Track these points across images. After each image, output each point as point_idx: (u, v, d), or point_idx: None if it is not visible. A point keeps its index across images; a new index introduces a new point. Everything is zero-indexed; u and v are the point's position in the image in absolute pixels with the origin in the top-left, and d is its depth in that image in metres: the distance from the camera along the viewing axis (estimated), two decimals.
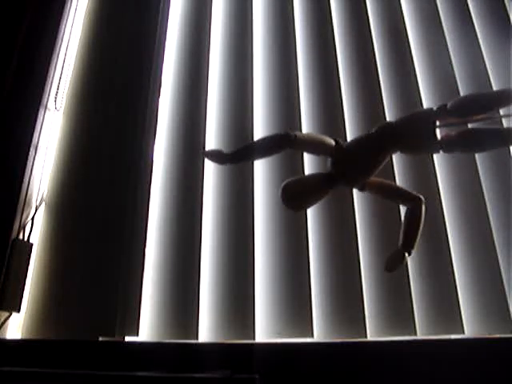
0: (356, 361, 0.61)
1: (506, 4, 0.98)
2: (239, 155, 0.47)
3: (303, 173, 0.77)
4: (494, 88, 0.88)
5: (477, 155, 0.80)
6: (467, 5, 0.98)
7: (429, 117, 0.45)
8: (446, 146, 0.44)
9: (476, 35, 0.94)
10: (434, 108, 0.45)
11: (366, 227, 0.74)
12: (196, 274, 0.68)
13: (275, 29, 0.91)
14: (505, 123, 0.79)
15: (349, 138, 0.81)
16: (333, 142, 0.47)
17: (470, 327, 0.68)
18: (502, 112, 0.61)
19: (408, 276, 0.70)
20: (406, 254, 0.46)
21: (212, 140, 0.79)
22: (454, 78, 0.88)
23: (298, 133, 0.46)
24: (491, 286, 0.70)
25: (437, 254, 0.72)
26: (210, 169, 0.77)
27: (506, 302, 0.69)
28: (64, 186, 0.73)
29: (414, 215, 0.47)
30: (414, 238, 0.46)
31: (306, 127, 0.81)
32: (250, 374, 0.51)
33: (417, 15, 0.97)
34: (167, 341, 0.64)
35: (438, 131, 0.44)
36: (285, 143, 0.46)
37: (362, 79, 0.87)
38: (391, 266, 0.47)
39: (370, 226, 0.74)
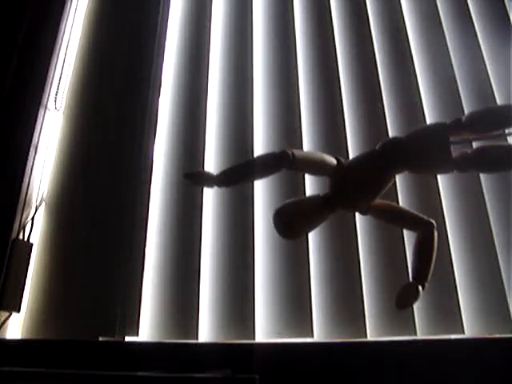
0: (356, 361, 0.61)
1: (506, 4, 0.98)
2: (228, 178, 0.42)
3: (303, 179, 0.76)
4: (494, 88, 0.88)
5: None
6: (467, 5, 0.98)
7: (442, 132, 0.39)
8: (461, 165, 0.39)
9: (476, 35, 0.94)
10: (448, 122, 0.40)
11: (366, 227, 0.74)
12: (196, 274, 0.68)
13: (276, 29, 0.91)
14: None
15: (349, 138, 0.81)
16: (334, 161, 0.42)
17: (470, 327, 0.68)
18: None
19: (408, 276, 0.70)
20: (420, 288, 0.40)
21: (212, 141, 0.79)
22: (454, 78, 0.88)
23: (296, 151, 0.41)
24: (491, 286, 0.70)
25: (437, 254, 0.72)
26: (210, 170, 0.76)
27: (506, 301, 0.69)
28: (64, 186, 0.73)
29: (425, 243, 0.42)
30: (427, 269, 0.41)
31: (306, 128, 0.81)
32: (250, 374, 0.51)
33: (417, 15, 0.97)
34: (167, 341, 0.64)
35: (451, 149, 0.39)
36: (282, 163, 0.41)
37: (361, 79, 0.87)
38: (404, 303, 0.41)
39: (371, 226, 0.74)
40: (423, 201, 0.76)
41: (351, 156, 0.79)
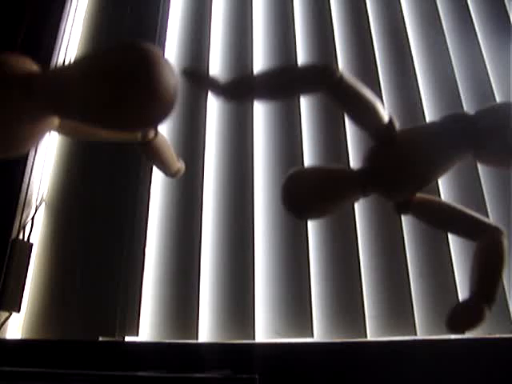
0: (356, 361, 0.61)
1: (506, 4, 0.98)
2: (242, 87, 0.30)
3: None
4: (494, 88, 0.88)
5: None
6: (467, 5, 0.98)
7: None
8: None
9: (476, 35, 0.94)
10: None
11: (366, 227, 0.74)
12: (196, 274, 0.68)
13: (276, 28, 0.91)
14: None
15: (348, 137, 0.81)
16: (386, 118, 0.32)
17: None
18: None
19: (408, 276, 0.70)
20: (486, 308, 0.32)
21: (212, 141, 0.79)
22: (454, 78, 0.88)
23: (346, 74, 0.31)
24: None
25: (437, 254, 0.72)
26: (211, 167, 0.77)
27: (506, 301, 0.69)
28: (64, 186, 0.73)
29: (492, 254, 0.34)
30: (494, 286, 0.33)
31: (306, 127, 0.81)
32: (250, 374, 0.51)
33: (417, 15, 0.97)
34: (167, 341, 0.64)
35: None
36: (323, 81, 0.30)
37: (361, 79, 0.87)
38: (467, 326, 0.32)
39: (371, 226, 0.74)
40: None
41: (351, 157, 0.79)
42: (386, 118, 0.32)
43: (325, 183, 0.31)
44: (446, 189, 0.78)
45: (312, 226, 0.73)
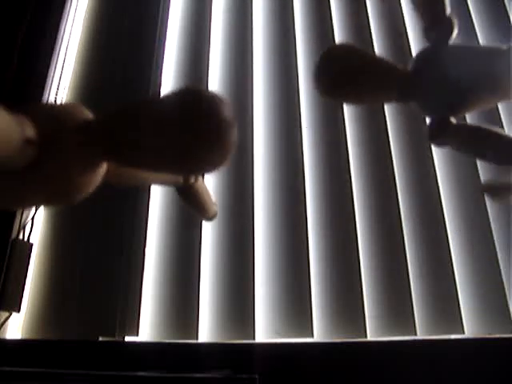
0: (356, 361, 0.61)
1: (506, 4, 0.98)
2: None
3: (304, 179, 0.76)
4: None
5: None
6: (467, 5, 0.98)
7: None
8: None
9: (476, 35, 0.94)
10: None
11: (366, 227, 0.74)
12: (196, 274, 0.68)
13: (276, 29, 0.91)
14: None
15: (348, 137, 0.81)
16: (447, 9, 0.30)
17: (470, 327, 0.68)
18: None
19: (408, 276, 0.70)
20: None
21: None
22: None
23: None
24: (491, 286, 0.70)
25: (437, 254, 0.72)
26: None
27: (506, 301, 0.69)
28: None
29: None
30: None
31: (307, 126, 0.81)
32: (250, 374, 0.51)
33: (417, 15, 0.96)
34: (167, 341, 0.64)
35: None
36: None
37: None
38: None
39: (371, 226, 0.74)
40: (424, 201, 0.76)
41: (351, 151, 0.79)
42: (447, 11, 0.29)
43: (367, 70, 0.29)
44: (445, 188, 0.78)
45: (312, 226, 0.73)
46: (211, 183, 0.75)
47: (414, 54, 0.31)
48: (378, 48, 0.91)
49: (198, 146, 0.22)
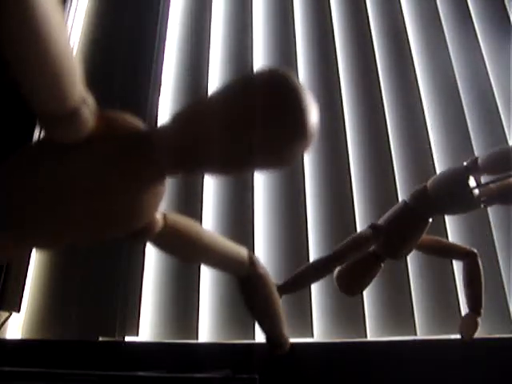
0: (356, 361, 0.61)
1: (506, 4, 0.98)
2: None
3: (303, 184, 0.77)
4: (494, 88, 0.88)
5: (475, 153, 0.80)
6: (467, 5, 0.98)
7: (463, 178, 0.42)
8: (486, 201, 0.42)
9: (476, 35, 0.94)
10: (465, 164, 0.42)
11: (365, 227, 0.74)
12: (196, 274, 0.68)
13: (276, 28, 0.91)
14: None
15: (348, 136, 0.81)
16: (370, 232, 0.45)
17: None
18: None
19: (408, 276, 0.70)
20: (479, 319, 0.45)
21: None
22: (454, 78, 0.88)
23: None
24: (491, 286, 0.70)
25: (443, 259, 0.72)
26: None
27: (506, 301, 0.69)
28: None
29: (472, 273, 0.45)
30: (480, 297, 0.45)
31: None
32: (250, 374, 0.51)
33: (417, 15, 0.97)
34: (167, 341, 0.64)
35: (475, 189, 0.42)
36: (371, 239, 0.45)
37: (361, 79, 0.87)
38: (469, 335, 0.46)
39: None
40: None
41: (351, 151, 0.79)
42: (370, 232, 0.45)
43: (361, 274, 0.47)
44: None
45: (312, 226, 0.73)
46: (212, 182, 0.75)
47: (413, 53, 0.32)
48: (377, 48, 0.91)
49: (285, 140, 0.19)
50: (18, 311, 0.64)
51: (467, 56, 0.91)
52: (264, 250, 0.71)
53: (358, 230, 0.73)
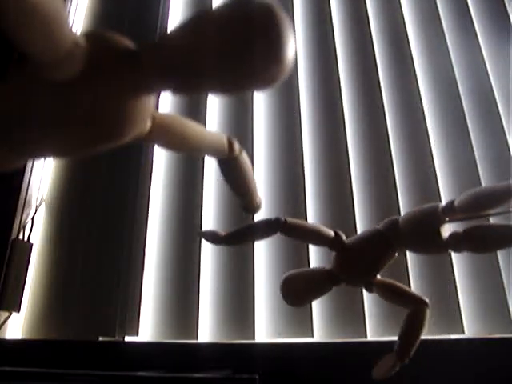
0: (356, 361, 0.61)
1: (506, 4, 0.98)
2: (233, 239, 0.45)
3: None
4: (494, 88, 0.88)
5: (475, 153, 0.80)
6: (467, 5, 0.98)
7: (434, 218, 0.41)
8: (454, 247, 0.40)
9: (476, 35, 0.94)
10: (441, 205, 0.41)
11: (366, 227, 0.74)
12: (196, 274, 0.68)
13: None
14: None
15: (348, 136, 0.81)
16: (331, 233, 0.44)
17: (470, 327, 0.68)
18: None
19: (408, 276, 0.70)
20: (398, 364, 0.42)
21: None
22: (454, 77, 0.88)
23: (289, 219, 0.43)
24: (491, 285, 0.70)
25: (436, 261, 0.72)
26: (211, 167, 0.77)
27: (506, 301, 0.69)
28: (64, 185, 0.73)
29: (416, 320, 0.43)
30: (412, 346, 0.42)
31: (307, 125, 0.81)
32: (250, 374, 0.51)
33: (417, 15, 0.97)
34: (167, 341, 0.64)
35: (445, 229, 0.40)
36: (275, 228, 0.42)
37: (361, 79, 0.87)
38: (382, 375, 0.42)
39: (371, 226, 0.74)
40: (424, 202, 0.76)
41: (351, 150, 0.79)
42: (331, 233, 0.44)
43: (307, 286, 0.46)
44: (445, 189, 0.78)
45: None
46: (212, 181, 0.75)
47: (413, 52, 0.32)
48: (377, 48, 0.91)
49: (255, 59, 0.20)
50: (18, 311, 0.64)
51: (467, 56, 0.91)
52: (264, 249, 0.71)
53: (358, 230, 0.73)
